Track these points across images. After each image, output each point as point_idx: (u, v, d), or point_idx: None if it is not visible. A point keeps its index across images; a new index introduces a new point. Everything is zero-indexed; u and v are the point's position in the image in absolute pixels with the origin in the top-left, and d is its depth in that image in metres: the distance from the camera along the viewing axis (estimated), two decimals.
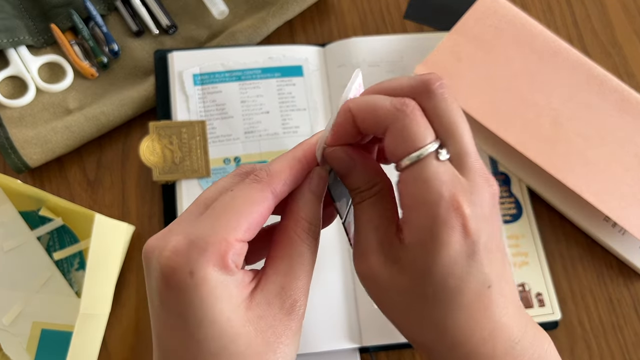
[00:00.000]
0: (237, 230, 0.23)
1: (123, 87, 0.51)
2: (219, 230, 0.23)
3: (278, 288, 0.24)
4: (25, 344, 0.43)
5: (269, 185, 0.24)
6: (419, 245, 0.23)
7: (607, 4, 0.57)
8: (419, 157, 0.23)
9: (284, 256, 0.25)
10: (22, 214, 0.46)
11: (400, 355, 0.45)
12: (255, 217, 0.24)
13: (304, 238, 0.25)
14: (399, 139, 0.24)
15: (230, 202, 0.24)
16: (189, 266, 0.22)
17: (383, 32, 0.55)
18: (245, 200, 0.24)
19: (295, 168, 0.25)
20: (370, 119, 0.25)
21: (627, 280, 0.48)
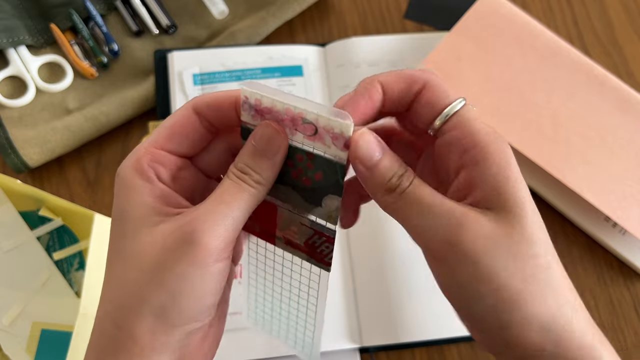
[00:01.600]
0: (157, 139, 0.25)
1: (123, 87, 0.51)
2: (145, 143, 0.26)
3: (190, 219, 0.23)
4: (24, 344, 0.43)
5: (192, 103, 0.26)
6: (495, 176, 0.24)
7: (607, 4, 0.57)
8: (451, 111, 0.25)
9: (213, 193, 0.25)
10: (21, 214, 0.46)
11: (400, 355, 0.45)
12: (173, 127, 0.26)
13: (233, 179, 0.25)
14: (439, 91, 0.25)
15: (161, 124, 0.26)
16: (118, 169, 0.26)
17: (383, 32, 0.55)
18: (169, 118, 0.26)
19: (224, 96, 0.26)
20: (402, 83, 0.26)
21: (627, 280, 0.48)
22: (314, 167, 0.25)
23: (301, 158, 0.25)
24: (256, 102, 0.25)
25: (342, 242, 0.46)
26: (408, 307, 0.44)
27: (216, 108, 0.26)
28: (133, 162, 0.25)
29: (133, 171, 0.25)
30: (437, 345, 0.45)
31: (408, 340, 0.43)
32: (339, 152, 0.24)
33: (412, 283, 0.45)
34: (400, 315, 0.44)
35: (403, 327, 0.44)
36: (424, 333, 0.44)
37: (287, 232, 0.28)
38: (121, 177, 0.25)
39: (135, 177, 0.25)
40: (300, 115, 0.24)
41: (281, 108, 0.24)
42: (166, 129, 0.26)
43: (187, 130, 0.26)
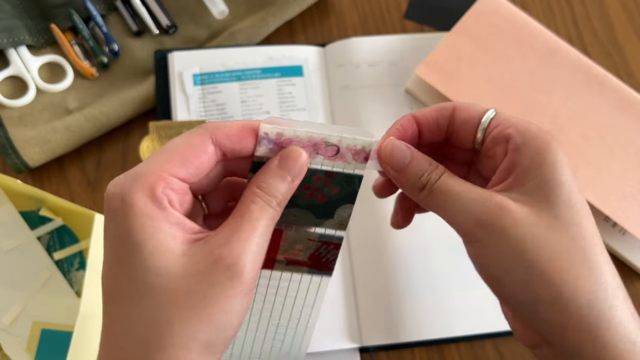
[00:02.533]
0: (170, 165, 0.24)
1: (123, 87, 0.51)
2: (153, 166, 0.24)
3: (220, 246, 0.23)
4: (25, 344, 0.43)
5: (209, 132, 0.25)
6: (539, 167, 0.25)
7: (607, 4, 0.57)
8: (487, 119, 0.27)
9: (235, 217, 0.24)
10: (22, 214, 0.46)
11: (400, 355, 0.45)
12: (189, 156, 0.24)
13: (259, 205, 0.25)
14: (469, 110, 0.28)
15: (169, 146, 0.25)
16: (121, 194, 0.23)
17: (383, 32, 0.55)
18: (181, 141, 0.25)
19: (244, 130, 0.25)
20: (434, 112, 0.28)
21: (627, 280, 0.48)
22: (331, 184, 0.27)
23: (318, 178, 0.27)
24: (277, 136, 0.26)
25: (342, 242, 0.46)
26: (408, 307, 0.44)
27: (237, 141, 0.25)
28: (146, 190, 0.23)
29: (146, 198, 0.23)
30: (437, 345, 0.45)
31: (408, 340, 0.44)
32: (358, 165, 0.27)
33: (412, 283, 0.45)
34: (400, 315, 0.44)
35: (403, 327, 0.44)
36: (424, 333, 0.44)
37: (290, 253, 0.29)
38: (129, 204, 0.23)
39: (148, 205, 0.23)
40: (324, 140, 0.26)
41: (304, 136, 0.26)
42: (180, 156, 0.24)
43: (200, 159, 0.25)
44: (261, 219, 0.24)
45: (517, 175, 0.26)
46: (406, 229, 0.46)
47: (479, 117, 0.28)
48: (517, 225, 0.24)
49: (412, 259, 0.46)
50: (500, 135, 0.27)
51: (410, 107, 0.51)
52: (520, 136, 0.26)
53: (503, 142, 0.27)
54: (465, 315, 0.44)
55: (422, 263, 0.46)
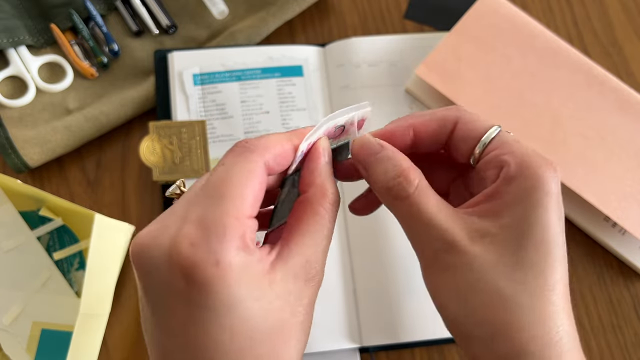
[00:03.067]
0: (245, 206, 0.22)
1: (123, 87, 0.51)
2: (230, 210, 0.21)
3: (303, 261, 0.23)
4: (25, 344, 0.43)
5: (262, 157, 0.23)
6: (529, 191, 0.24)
7: (607, 4, 0.57)
8: (497, 129, 0.26)
9: (308, 229, 0.24)
10: (22, 214, 0.46)
11: (400, 355, 0.45)
12: (256, 190, 0.23)
13: (329, 210, 0.24)
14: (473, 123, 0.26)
15: (229, 178, 0.22)
16: (213, 255, 0.21)
17: (383, 32, 0.55)
18: (242, 173, 0.22)
19: (286, 147, 0.25)
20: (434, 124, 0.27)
21: (627, 280, 0.48)
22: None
23: None
24: (308, 146, 0.26)
25: (342, 242, 0.46)
26: (408, 307, 0.44)
27: (283, 162, 0.25)
28: (236, 241, 0.21)
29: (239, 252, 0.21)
30: (437, 345, 0.45)
31: (408, 340, 0.44)
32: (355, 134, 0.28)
33: (412, 283, 0.45)
34: (400, 315, 0.44)
35: (403, 327, 0.44)
36: (424, 333, 0.44)
37: None
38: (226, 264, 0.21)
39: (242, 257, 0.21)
40: (335, 125, 0.27)
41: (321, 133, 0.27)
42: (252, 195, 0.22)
43: (263, 190, 0.24)
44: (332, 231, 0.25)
45: (497, 206, 0.24)
46: None
47: (480, 134, 0.26)
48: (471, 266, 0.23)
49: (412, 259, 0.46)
50: (496, 159, 0.25)
51: (410, 107, 0.51)
52: (515, 167, 0.24)
53: (497, 167, 0.25)
54: None
55: None
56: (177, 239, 0.21)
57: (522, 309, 0.23)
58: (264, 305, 0.22)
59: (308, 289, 0.23)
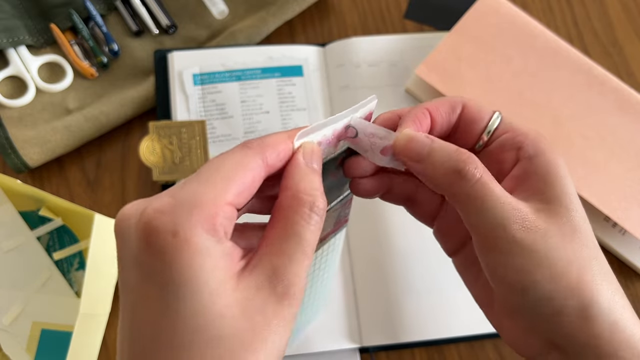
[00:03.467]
0: (226, 192, 0.21)
1: (123, 87, 0.51)
2: (207, 192, 0.21)
3: (269, 271, 0.21)
4: (25, 344, 0.43)
5: (260, 153, 0.23)
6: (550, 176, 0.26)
7: (607, 4, 0.57)
8: (494, 123, 0.28)
9: (278, 235, 0.22)
10: (21, 214, 0.46)
11: (400, 355, 0.45)
12: (245, 182, 0.22)
13: (302, 214, 0.22)
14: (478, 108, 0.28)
15: (219, 166, 0.22)
16: (173, 225, 0.20)
17: (383, 32, 0.55)
18: (234, 163, 0.22)
19: (287, 144, 0.24)
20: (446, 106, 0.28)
21: (627, 280, 0.48)
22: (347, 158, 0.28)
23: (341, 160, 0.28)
24: None
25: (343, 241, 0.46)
26: (408, 307, 0.44)
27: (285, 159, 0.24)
28: (206, 223, 0.20)
29: (205, 233, 0.20)
30: (437, 345, 0.45)
31: (408, 340, 0.44)
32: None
33: (412, 283, 0.45)
34: (400, 315, 0.44)
35: (403, 327, 0.44)
36: (423, 333, 0.44)
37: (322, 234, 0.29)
38: (184, 239, 0.20)
39: (207, 240, 0.20)
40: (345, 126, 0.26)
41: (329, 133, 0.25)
42: (236, 181, 0.22)
43: (254, 184, 0.22)
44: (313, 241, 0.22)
45: (533, 183, 0.26)
46: (406, 229, 0.46)
47: (486, 119, 0.28)
48: (545, 239, 0.25)
49: (412, 259, 0.46)
50: (512, 141, 0.27)
51: None
52: (532, 146, 0.27)
53: (513, 150, 0.27)
54: (465, 315, 0.44)
55: (422, 263, 0.46)
56: (149, 206, 0.21)
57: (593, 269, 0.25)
58: (220, 307, 0.20)
59: (276, 306, 0.21)
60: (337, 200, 0.28)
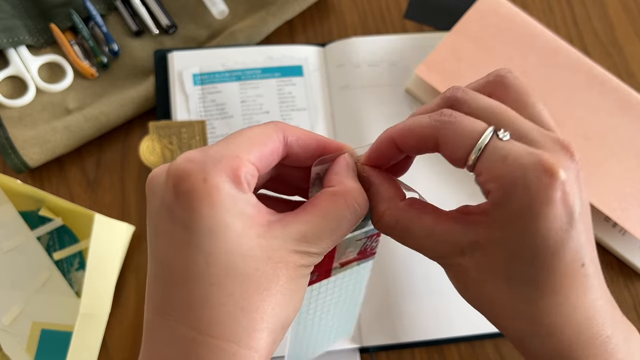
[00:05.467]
0: (249, 152, 0.23)
1: (123, 87, 0.51)
2: (233, 149, 0.23)
3: (300, 234, 0.23)
4: (25, 344, 0.43)
5: (282, 130, 0.25)
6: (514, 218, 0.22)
7: (607, 4, 0.57)
8: (481, 146, 0.23)
9: (320, 211, 0.24)
10: (21, 214, 0.46)
11: (400, 355, 0.45)
12: (265, 150, 0.24)
13: (349, 206, 0.24)
14: (454, 143, 0.23)
15: (245, 132, 0.24)
16: (203, 173, 0.22)
17: (383, 32, 0.55)
18: (258, 132, 0.24)
19: (310, 139, 0.26)
20: (414, 140, 0.25)
21: (627, 280, 0.48)
22: None
23: None
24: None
25: None
26: (408, 307, 0.44)
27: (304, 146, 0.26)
28: (230, 172, 0.22)
29: (230, 181, 0.22)
30: (437, 345, 0.45)
31: (408, 340, 0.44)
32: None
33: (412, 283, 0.45)
34: (400, 315, 0.44)
35: (403, 327, 0.44)
36: (423, 333, 0.44)
37: (343, 257, 0.30)
38: (214, 185, 0.22)
39: (232, 188, 0.22)
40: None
41: None
42: (258, 144, 0.24)
43: (273, 153, 0.25)
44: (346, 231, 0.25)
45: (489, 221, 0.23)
46: None
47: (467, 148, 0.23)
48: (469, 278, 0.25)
49: (412, 259, 0.46)
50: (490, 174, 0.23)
51: (410, 107, 0.51)
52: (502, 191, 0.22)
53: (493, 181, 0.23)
54: (465, 315, 0.44)
55: (422, 263, 0.46)
56: (179, 158, 0.23)
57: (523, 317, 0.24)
58: (245, 248, 0.22)
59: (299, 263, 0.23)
60: (361, 230, 0.29)
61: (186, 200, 0.22)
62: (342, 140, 0.49)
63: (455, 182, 0.48)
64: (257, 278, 0.22)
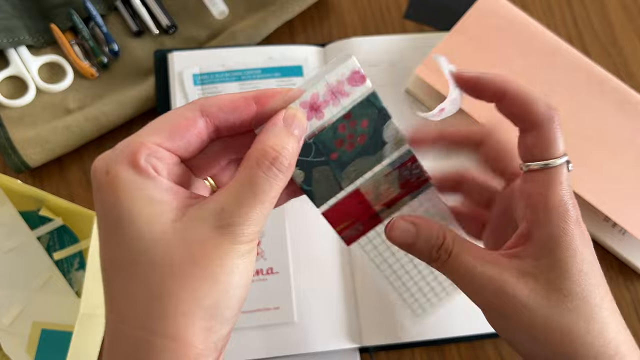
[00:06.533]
0: (155, 135, 0.23)
1: (123, 87, 0.51)
2: (136, 137, 0.23)
3: (218, 208, 0.22)
4: (25, 344, 0.43)
5: (200, 105, 0.24)
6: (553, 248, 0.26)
7: (607, 4, 0.57)
8: (550, 165, 0.26)
9: (235, 182, 0.23)
10: (22, 214, 0.46)
11: (400, 355, 0.45)
12: (179, 127, 0.24)
13: (262, 165, 0.23)
14: (544, 141, 0.27)
15: (156, 119, 0.24)
16: (106, 166, 0.23)
17: (383, 32, 0.55)
18: (170, 116, 0.24)
19: (237, 101, 0.25)
20: (524, 105, 0.27)
21: (627, 280, 0.48)
22: (357, 122, 0.27)
23: (343, 127, 0.27)
24: None
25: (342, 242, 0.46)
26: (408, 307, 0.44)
27: (229, 111, 0.24)
28: (128, 158, 0.22)
29: (129, 167, 0.22)
30: (437, 345, 0.45)
31: (408, 340, 0.44)
32: (362, 88, 0.26)
33: None
34: (400, 315, 0.44)
35: (403, 326, 0.44)
36: (424, 333, 0.44)
37: (382, 197, 0.29)
38: (114, 174, 0.22)
39: (133, 174, 0.22)
40: (316, 94, 0.25)
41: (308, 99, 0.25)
42: (167, 128, 0.24)
43: (190, 133, 0.24)
44: (270, 191, 0.23)
45: (532, 247, 0.26)
46: None
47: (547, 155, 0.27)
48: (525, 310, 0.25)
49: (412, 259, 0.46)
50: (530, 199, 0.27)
51: (410, 108, 0.51)
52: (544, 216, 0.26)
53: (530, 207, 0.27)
54: (465, 315, 0.44)
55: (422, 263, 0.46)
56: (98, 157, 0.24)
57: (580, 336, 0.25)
58: (156, 234, 0.22)
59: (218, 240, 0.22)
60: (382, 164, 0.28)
61: (98, 196, 0.23)
62: None
63: None
64: (169, 262, 0.21)
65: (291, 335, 0.43)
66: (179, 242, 0.22)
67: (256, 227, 0.23)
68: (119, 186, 0.22)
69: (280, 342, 0.43)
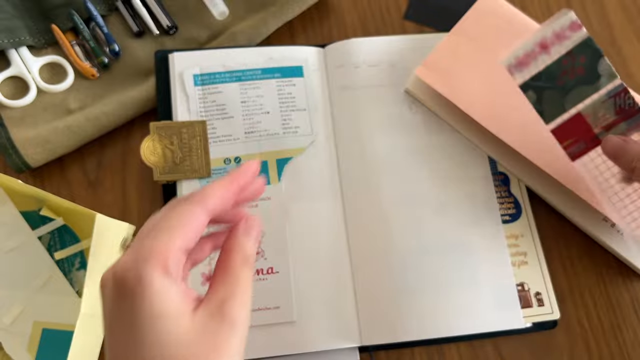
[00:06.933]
0: (172, 241, 0.27)
1: (124, 87, 0.51)
2: (158, 244, 0.27)
3: (218, 303, 0.27)
4: (26, 343, 0.43)
5: (199, 204, 0.29)
6: None
7: (607, 5, 0.57)
8: None
9: (223, 281, 0.28)
10: (23, 214, 0.46)
11: (399, 354, 0.45)
12: (187, 231, 0.28)
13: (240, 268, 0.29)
14: None
15: (168, 218, 0.28)
16: (137, 273, 0.25)
17: (383, 32, 0.55)
18: (177, 219, 0.28)
19: (228, 188, 0.30)
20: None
21: (626, 280, 0.48)
22: (576, 58, 0.37)
23: (566, 61, 0.38)
24: None
25: (342, 242, 0.47)
26: (408, 307, 0.44)
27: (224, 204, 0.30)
28: (160, 267, 0.26)
29: (161, 275, 0.26)
30: (437, 344, 0.45)
31: (407, 339, 0.44)
32: (579, 34, 0.37)
33: (412, 282, 0.45)
34: (400, 314, 0.44)
35: (402, 326, 0.44)
36: (423, 332, 0.44)
37: (601, 121, 0.38)
38: (148, 282, 0.25)
39: (164, 281, 0.26)
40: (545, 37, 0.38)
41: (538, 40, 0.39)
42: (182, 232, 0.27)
43: (198, 230, 0.28)
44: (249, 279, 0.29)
45: None
46: (406, 229, 0.46)
47: None
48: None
49: (412, 259, 0.46)
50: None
51: (409, 108, 0.51)
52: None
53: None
54: (465, 315, 0.44)
55: (422, 263, 0.46)
56: (117, 265, 0.27)
57: None
58: (182, 330, 0.25)
59: (225, 332, 0.26)
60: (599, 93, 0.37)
61: (127, 301, 0.25)
62: (341, 139, 0.49)
63: (455, 182, 0.48)
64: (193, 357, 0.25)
65: (291, 335, 0.43)
66: (199, 338, 0.26)
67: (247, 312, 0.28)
68: (153, 291, 0.25)
69: (280, 341, 0.43)
